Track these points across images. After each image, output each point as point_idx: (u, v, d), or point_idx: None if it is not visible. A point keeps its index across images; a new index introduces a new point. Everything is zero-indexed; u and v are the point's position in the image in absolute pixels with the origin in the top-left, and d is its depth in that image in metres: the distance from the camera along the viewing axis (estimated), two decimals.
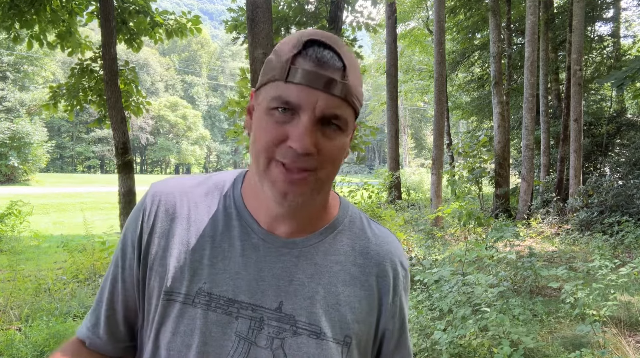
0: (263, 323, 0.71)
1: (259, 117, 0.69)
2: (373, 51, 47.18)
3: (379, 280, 0.77)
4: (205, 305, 0.70)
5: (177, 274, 0.72)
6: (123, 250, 0.77)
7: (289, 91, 0.65)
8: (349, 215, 0.81)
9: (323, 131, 0.67)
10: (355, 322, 0.74)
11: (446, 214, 8.89)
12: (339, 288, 0.74)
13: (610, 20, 15.72)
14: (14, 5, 7.14)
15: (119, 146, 6.65)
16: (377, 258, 0.78)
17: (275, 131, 0.66)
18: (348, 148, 0.74)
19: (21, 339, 3.53)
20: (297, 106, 0.65)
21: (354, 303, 0.75)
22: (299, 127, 0.65)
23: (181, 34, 8.69)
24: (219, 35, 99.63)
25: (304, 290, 0.73)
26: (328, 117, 0.66)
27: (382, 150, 68.58)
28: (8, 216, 8.32)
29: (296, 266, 0.73)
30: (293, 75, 0.65)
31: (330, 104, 0.65)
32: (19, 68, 38.30)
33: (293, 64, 0.65)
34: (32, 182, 30.96)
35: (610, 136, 13.83)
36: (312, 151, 0.65)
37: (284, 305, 0.72)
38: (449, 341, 3.16)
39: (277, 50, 0.69)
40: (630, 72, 6.85)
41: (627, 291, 4.92)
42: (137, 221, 0.76)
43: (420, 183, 21.86)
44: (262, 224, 0.74)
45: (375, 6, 9.82)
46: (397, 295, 0.79)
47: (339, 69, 0.66)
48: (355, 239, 0.79)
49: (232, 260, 0.73)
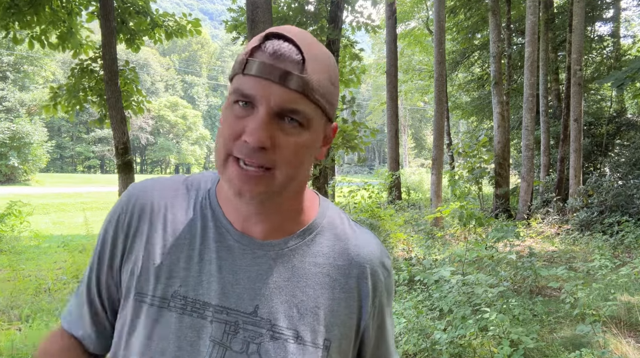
0: (238, 328, 0.68)
1: (224, 110, 0.68)
2: (373, 50, 47.18)
3: (359, 281, 0.75)
4: (181, 309, 0.69)
5: (153, 276, 0.70)
6: (101, 250, 0.76)
7: (245, 83, 0.64)
8: (327, 216, 0.78)
9: (281, 127, 0.64)
10: (335, 325, 0.72)
11: (446, 215, 8.89)
12: (318, 291, 0.72)
13: (610, 20, 15.72)
14: (14, 4, 7.13)
15: (119, 146, 6.65)
16: (357, 259, 0.76)
17: (234, 125, 0.65)
18: (321, 146, 0.72)
19: (21, 339, 3.53)
20: (253, 98, 0.64)
21: (334, 306, 0.73)
22: (254, 120, 0.63)
23: (181, 35, 8.69)
24: (219, 35, 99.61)
25: (281, 294, 0.70)
26: (285, 111, 0.64)
27: (382, 150, 68.57)
28: (8, 216, 8.32)
29: (272, 269, 0.71)
30: (249, 67, 0.64)
31: (286, 98, 0.63)
32: (19, 68, 38.32)
33: (251, 57, 0.64)
34: (32, 182, 30.97)
35: (610, 136, 13.83)
36: (267, 144, 0.63)
37: (260, 309, 0.69)
38: (449, 341, 3.16)
39: (245, 46, 0.68)
40: (630, 72, 6.85)
41: (627, 291, 4.91)
42: (113, 222, 0.75)
43: (420, 183, 21.85)
44: (235, 225, 0.73)
45: (375, 6, 9.83)
46: (376, 296, 0.77)
47: (296, 62, 0.63)
48: (335, 241, 0.76)
49: (207, 263, 0.71)
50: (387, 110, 15.25)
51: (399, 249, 7.02)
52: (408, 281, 4.72)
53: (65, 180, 35.53)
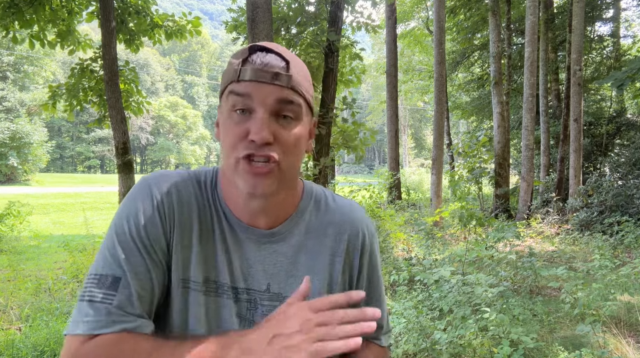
0: (257, 304, 0.82)
1: (223, 122, 0.78)
2: (373, 50, 47.17)
3: (349, 244, 0.88)
4: (214, 292, 0.80)
5: (192, 265, 0.80)
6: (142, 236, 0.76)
7: (241, 87, 0.75)
8: (313, 196, 0.91)
9: (279, 123, 0.76)
10: (334, 285, 0.86)
11: (446, 216, 8.89)
12: (316, 260, 0.86)
13: (610, 20, 15.71)
14: (14, 4, 7.13)
15: (119, 146, 6.65)
16: (344, 226, 0.89)
17: (237, 130, 0.75)
18: (308, 140, 0.83)
19: (21, 339, 3.53)
20: (251, 100, 0.74)
21: (331, 270, 0.86)
22: (256, 121, 0.74)
23: (181, 36, 8.68)
24: (219, 35, 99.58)
25: (287, 270, 0.84)
26: (280, 104, 0.75)
27: (382, 150, 68.54)
28: (7, 216, 8.32)
29: (277, 252, 0.84)
30: (243, 74, 0.75)
31: (279, 94, 0.75)
32: (19, 68, 38.29)
33: (243, 66, 0.75)
34: (32, 182, 30.96)
35: (610, 136, 13.83)
36: (270, 139, 0.74)
37: (271, 286, 0.83)
38: (448, 341, 3.16)
39: (229, 62, 0.79)
40: (630, 72, 6.84)
41: (627, 291, 4.91)
42: (154, 216, 0.78)
43: (420, 183, 21.84)
44: (243, 220, 0.83)
45: (375, 6, 9.82)
46: (364, 254, 0.91)
47: (282, 66, 0.76)
48: (323, 215, 0.89)
49: (226, 253, 0.82)
50: (387, 110, 15.25)
51: (399, 249, 7.02)
52: (408, 281, 4.72)
53: (65, 180, 35.53)
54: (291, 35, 8.78)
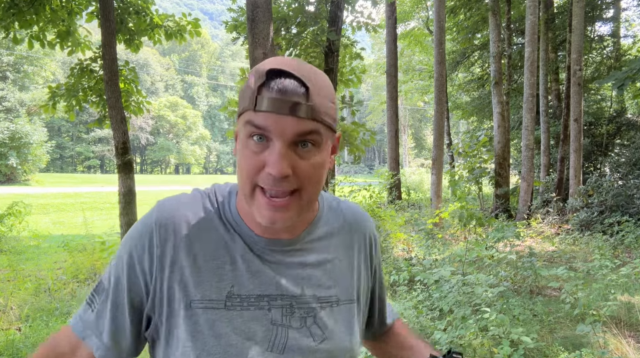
0: (293, 308, 0.81)
1: (240, 147, 0.76)
2: (373, 50, 47.15)
3: (365, 242, 0.95)
4: (239, 306, 0.78)
5: (203, 283, 0.78)
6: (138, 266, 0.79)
7: (259, 119, 0.71)
8: (326, 202, 0.93)
9: (298, 153, 0.73)
10: (359, 280, 0.92)
11: (445, 217, 8.88)
12: (340, 260, 0.89)
13: (610, 20, 15.71)
14: (14, 4, 7.12)
15: (119, 146, 6.64)
16: (356, 226, 0.94)
17: (253, 160, 0.73)
18: (328, 161, 0.80)
19: (21, 339, 3.52)
20: (268, 132, 0.71)
21: (354, 267, 0.91)
22: (273, 153, 0.71)
23: (180, 37, 8.67)
24: (219, 35, 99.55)
25: (316, 272, 0.85)
26: (299, 138, 0.72)
27: (382, 150, 68.53)
28: (8, 216, 8.31)
29: (303, 257, 0.84)
30: (260, 104, 0.70)
31: (298, 127, 0.71)
32: (19, 68, 38.28)
33: (259, 94, 0.71)
34: (32, 182, 30.95)
35: (610, 136, 13.82)
36: (288, 173, 0.71)
37: (305, 289, 0.83)
38: (449, 341, 3.16)
39: (248, 81, 0.75)
40: (631, 72, 6.84)
41: (627, 291, 4.91)
42: (147, 237, 0.79)
43: (420, 183, 21.84)
44: (264, 236, 0.82)
45: (375, 6, 9.81)
46: (376, 252, 0.98)
47: (302, 94, 0.71)
48: (336, 217, 0.92)
49: (248, 263, 0.80)
50: (387, 110, 15.25)
51: (399, 249, 7.02)
52: (408, 281, 4.72)
53: (65, 180, 35.53)
54: (291, 35, 8.78)
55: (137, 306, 0.80)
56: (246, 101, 0.73)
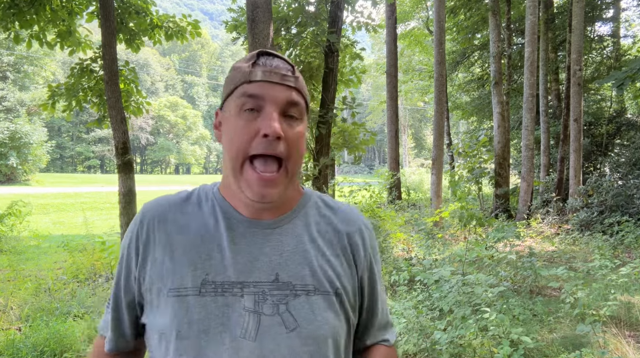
0: (266, 295, 0.82)
1: (231, 122, 0.82)
2: (373, 50, 47.13)
3: (350, 241, 0.92)
4: (213, 292, 0.81)
5: (181, 272, 0.83)
6: (125, 264, 0.89)
7: (253, 88, 0.80)
8: (313, 196, 0.95)
9: (286, 122, 0.81)
10: (340, 277, 0.88)
11: (445, 216, 8.88)
12: (321, 251, 0.88)
13: (610, 20, 15.70)
14: (14, 4, 7.12)
15: (119, 146, 6.64)
16: (345, 223, 0.93)
17: (247, 129, 0.80)
18: (306, 140, 0.87)
19: (21, 339, 3.53)
20: (262, 100, 0.80)
21: (335, 262, 0.89)
22: (267, 117, 0.79)
23: (181, 37, 8.67)
24: (219, 35, 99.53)
25: (293, 259, 0.85)
26: (288, 105, 0.81)
27: (382, 150, 68.51)
28: (8, 216, 8.31)
29: (282, 242, 0.86)
30: (255, 75, 0.81)
31: (288, 95, 0.81)
32: (19, 68, 38.25)
33: (253, 69, 0.81)
34: (32, 182, 30.96)
35: (610, 136, 13.82)
36: (281, 134, 0.78)
37: (280, 276, 0.83)
38: (449, 341, 3.16)
39: (236, 67, 0.84)
40: (631, 72, 6.84)
41: (627, 291, 4.91)
42: (132, 237, 0.88)
43: (420, 183, 21.83)
44: (246, 215, 0.87)
45: (375, 6, 9.82)
46: (366, 251, 0.94)
47: (288, 69, 0.83)
48: (324, 212, 0.93)
49: (226, 250, 0.84)
50: (387, 110, 15.24)
51: (399, 249, 7.02)
52: (408, 281, 4.72)
53: (65, 180, 35.53)
54: (291, 35, 8.78)
55: (131, 299, 0.89)
56: (238, 78, 0.82)
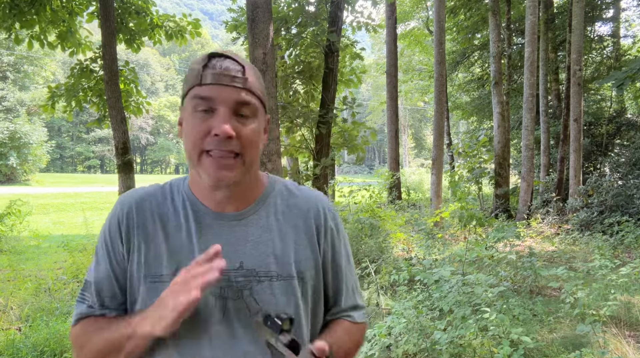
0: (231, 281, 0.89)
1: (188, 121, 0.87)
2: (373, 50, 47.12)
3: (313, 222, 0.97)
4: None
5: (158, 261, 0.90)
6: (109, 246, 0.93)
7: (204, 90, 0.84)
8: (277, 184, 1.01)
9: (238, 120, 0.86)
10: (303, 260, 0.94)
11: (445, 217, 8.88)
12: (284, 237, 0.94)
13: (610, 20, 15.70)
14: (15, 5, 7.13)
15: (119, 146, 6.65)
16: (306, 206, 0.98)
17: (200, 127, 0.84)
18: (263, 134, 0.93)
19: (21, 339, 3.53)
20: (213, 102, 0.84)
21: (298, 246, 0.95)
22: (218, 117, 0.83)
23: (181, 37, 8.67)
24: (219, 35, 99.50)
25: (257, 248, 0.91)
26: (239, 105, 0.85)
27: (382, 150, 68.50)
28: (8, 216, 8.30)
29: (246, 233, 0.92)
30: (205, 78, 0.84)
31: (238, 95, 0.85)
32: (19, 68, 38.24)
33: (204, 72, 0.85)
34: (32, 182, 30.96)
35: (610, 136, 13.82)
36: (232, 134, 0.83)
37: (244, 263, 0.90)
38: (448, 341, 3.16)
39: (190, 68, 0.88)
40: (631, 72, 6.84)
41: (627, 291, 4.91)
42: (113, 224, 0.93)
43: (420, 183, 21.82)
44: (212, 208, 0.93)
45: (375, 6, 9.82)
46: (327, 231, 0.99)
47: (238, 70, 0.86)
48: (287, 198, 0.99)
49: (196, 242, 0.90)
50: (387, 110, 15.24)
51: (399, 249, 7.02)
52: (408, 281, 4.72)
53: (65, 180, 35.52)
54: (291, 35, 8.78)
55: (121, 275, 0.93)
56: (191, 80, 0.86)
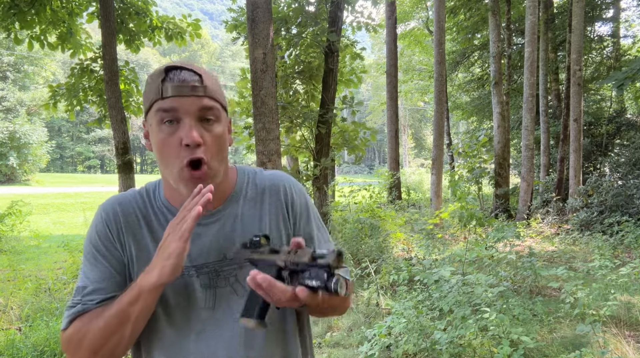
0: (218, 272, 0.97)
1: (155, 135, 0.91)
2: (373, 50, 47.12)
3: (282, 198, 1.05)
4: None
5: (143, 261, 0.95)
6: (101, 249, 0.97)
7: (166, 104, 0.88)
8: (246, 174, 1.07)
9: (204, 127, 0.90)
10: (276, 238, 1.02)
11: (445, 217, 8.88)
12: (258, 222, 1.02)
13: (610, 20, 15.70)
14: (14, 5, 7.13)
15: (119, 146, 6.65)
16: (275, 185, 1.06)
17: (169, 141, 0.89)
18: (228, 137, 0.98)
19: (21, 339, 3.53)
20: (177, 112, 0.87)
21: (272, 226, 1.02)
22: (184, 128, 0.87)
23: (181, 39, 8.67)
24: (219, 35, 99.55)
25: (236, 238, 0.98)
26: (203, 111, 0.89)
27: (382, 150, 68.49)
28: (9, 216, 8.31)
29: (223, 226, 0.99)
30: (166, 92, 0.88)
31: (200, 103, 0.89)
32: (19, 68, 38.24)
33: (163, 85, 0.88)
34: (32, 182, 30.95)
35: (610, 136, 13.82)
36: (200, 141, 0.87)
37: (227, 255, 0.98)
38: (448, 341, 3.16)
39: (148, 82, 0.92)
40: (631, 72, 6.84)
41: (627, 291, 4.92)
42: (104, 229, 0.98)
43: (420, 183, 21.82)
44: None
45: (375, 6, 9.82)
46: (294, 204, 1.06)
47: (197, 79, 0.90)
48: (257, 184, 1.06)
49: None
50: (387, 110, 15.23)
51: (399, 249, 7.02)
52: (408, 281, 4.72)
53: (65, 180, 35.52)
54: (291, 35, 8.78)
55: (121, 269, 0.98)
56: (152, 94, 0.89)
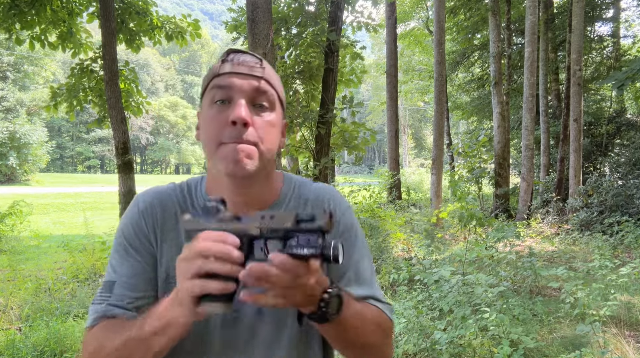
0: None
1: (205, 115, 0.88)
2: (373, 51, 47.12)
3: None
4: None
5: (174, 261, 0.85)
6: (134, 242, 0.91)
7: (223, 80, 0.86)
8: (294, 183, 1.01)
9: (255, 111, 0.86)
10: None
11: (444, 217, 8.88)
12: None
13: (610, 20, 15.70)
14: (14, 5, 7.13)
15: (119, 146, 6.64)
16: (318, 199, 0.99)
17: (218, 118, 0.85)
18: (279, 133, 0.93)
19: (21, 339, 3.53)
20: (231, 90, 0.85)
21: None
22: (236, 106, 0.83)
23: (181, 38, 8.67)
24: (219, 35, 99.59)
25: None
26: (256, 93, 0.86)
27: (382, 150, 68.49)
28: (9, 216, 8.31)
29: None
30: (224, 69, 0.86)
31: (255, 84, 0.86)
32: (19, 68, 38.23)
33: (223, 64, 0.87)
34: (32, 182, 30.96)
35: (610, 136, 13.82)
36: (248, 120, 0.83)
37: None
38: (448, 341, 3.16)
39: (210, 68, 0.90)
40: (631, 72, 6.84)
41: (627, 291, 4.92)
42: (139, 221, 0.93)
43: (420, 183, 21.83)
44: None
45: (375, 6, 9.83)
46: (338, 218, 0.98)
47: (256, 62, 0.88)
48: (301, 196, 0.99)
49: None
50: (387, 110, 15.24)
51: (399, 249, 7.02)
52: (408, 281, 4.72)
53: (65, 180, 35.53)
54: (291, 35, 8.78)
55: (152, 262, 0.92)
56: (210, 74, 0.88)
